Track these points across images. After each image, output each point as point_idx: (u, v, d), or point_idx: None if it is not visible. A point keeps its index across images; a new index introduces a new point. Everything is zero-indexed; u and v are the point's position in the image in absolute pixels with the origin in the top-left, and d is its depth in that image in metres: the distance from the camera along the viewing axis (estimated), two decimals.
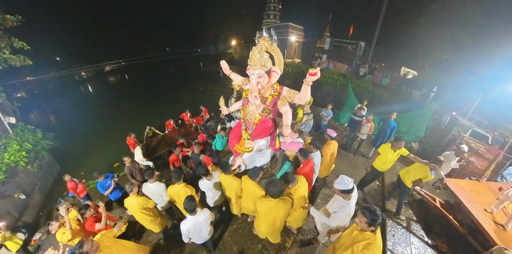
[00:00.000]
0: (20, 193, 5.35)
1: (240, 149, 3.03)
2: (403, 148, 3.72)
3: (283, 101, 2.68)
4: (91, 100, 23.11)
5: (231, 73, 3.07)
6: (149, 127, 7.95)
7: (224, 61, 2.99)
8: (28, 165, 5.72)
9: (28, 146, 5.73)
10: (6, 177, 4.98)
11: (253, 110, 2.80)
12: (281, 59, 2.70)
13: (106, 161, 8.11)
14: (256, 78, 2.48)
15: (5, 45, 4.86)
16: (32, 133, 6.29)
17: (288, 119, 2.72)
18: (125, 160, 4.37)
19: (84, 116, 15.93)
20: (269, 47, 2.57)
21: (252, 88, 2.59)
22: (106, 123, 13.58)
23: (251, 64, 2.50)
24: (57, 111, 19.11)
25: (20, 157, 5.39)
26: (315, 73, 2.11)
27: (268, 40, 2.52)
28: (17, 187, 5.40)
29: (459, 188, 4.18)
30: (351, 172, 5.60)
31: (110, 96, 23.22)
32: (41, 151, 6.39)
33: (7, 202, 5.01)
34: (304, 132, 3.09)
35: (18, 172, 5.52)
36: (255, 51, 2.46)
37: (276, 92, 2.65)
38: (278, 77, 2.64)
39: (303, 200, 2.73)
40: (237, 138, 3.15)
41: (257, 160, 3.20)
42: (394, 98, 9.59)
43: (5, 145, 5.36)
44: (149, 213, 3.12)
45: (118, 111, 16.41)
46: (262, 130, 2.70)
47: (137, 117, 13.60)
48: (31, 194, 5.83)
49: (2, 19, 4.75)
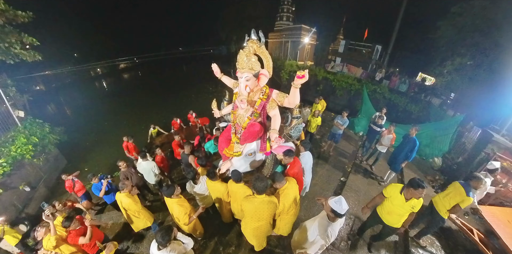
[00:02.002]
0: (24, 185, 5.43)
1: (229, 152, 2.97)
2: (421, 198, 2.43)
3: (272, 104, 2.65)
4: (104, 96, 23.80)
5: (222, 76, 3.11)
6: (153, 126, 7.89)
7: (215, 64, 2.99)
8: (35, 158, 5.83)
9: (35, 140, 5.83)
10: (11, 169, 5.06)
11: (242, 114, 2.75)
12: (269, 62, 2.65)
13: (111, 158, 8.15)
14: (244, 82, 2.47)
15: (15, 40, 4.99)
16: (40, 127, 6.42)
17: (276, 123, 2.64)
18: (120, 164, 4.20)
19: (95, 111, 16.38)
20: (258, 50, 2.54)
21: (240, 92, 2.57)
22: (115, 119, 13.90)
23: (239, 67, 2.51)
24: (71, 105, 19.81)
25: (27, 150, 5.48)
26: (303, 76, 2.03)
27: (257, 43, 2.49)
28: (22, 179, 5.48)
29: (496, 219, 3.55)
30: (366, 190, 4.95)
31: (122, 93, 23.83)
32: (48, 145, 6.51)
33: (11, 193, 5.09)
34: (294, 137, 2.97)
35: (24, 164, 5.61)
36: (243, 54, 2.46)
37: (265, 95, 2.62)
38: (266, 80, 2.59)
39: (293, 202, 2.61)
40: (226, 141, 3.10)
41: (248, 164, 3.14)
42: (412, 106, 9.06)
43: (13, 138, 5.47)
44: (134, 213, 3.29)
45: (128, 108, 16.78)
46: (250, 133, 2.67)
47: (145, 114, 13.80)
48: (36, 186, 5.93)
49: (14, 15, 4.86)
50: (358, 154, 6.44)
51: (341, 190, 4.76)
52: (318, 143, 7.13)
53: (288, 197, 2.54)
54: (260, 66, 2.58)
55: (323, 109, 7.92)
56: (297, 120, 2.87)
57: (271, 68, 2.67)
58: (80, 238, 2.76)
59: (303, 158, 3.29)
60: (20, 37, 5.09)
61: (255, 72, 2.49)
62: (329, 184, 5.02)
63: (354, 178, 5.31)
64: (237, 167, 3.11)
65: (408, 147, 4.38)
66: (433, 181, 5.60)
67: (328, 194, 4.62)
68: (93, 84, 31.81)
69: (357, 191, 4.84)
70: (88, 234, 2.78)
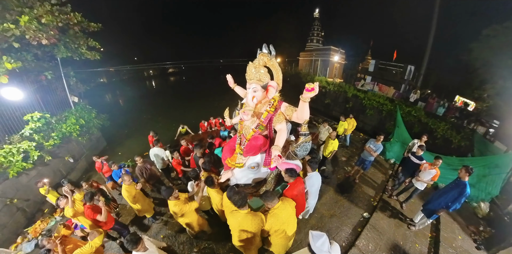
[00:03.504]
0: (69, 157, 6.13)
1: (230, 163, 2.78)
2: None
3: (279, 118, 2.43)
4: (150, 94, 26.40)
5: (235, 86, 3.06)
6: (182, 125, 8.20)
7: (229, 74, 2.94)
8: (80, 136, 6.57)
9: (82, 122, 6.61)
10: (60, 143, 5.75)
11: (248, 125, 2.59)
12: (279, 74, 2.53)
13: (141, 147, 8.66)
14: (252, 93, 2.39)
15: (82, 43, 5.99)
16: (88, 112, 7.26)
17: (280, 139, 2.39)
18: (137, 159, 4.23)
19: (139, 105, 18.17)
20: (268, 62, 2.46)
21: (247, 103, 2.48)
22: (153, 114, 14.98)
23: (247, 79, 2.45)
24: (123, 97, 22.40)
25: (75, 129, 6.22)
26: (312, 89, 1.84)
27: (267, 56, 2.43)
28: (68, 152, 6.19)
29: None
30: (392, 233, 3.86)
31: (165, 93, 26.14)
32: (92, 128, 7.32)
33: (58, 162, 5.76)
34: (299, 156, 2.58)
35: (71, 140, 6.36)
36: (251, 66, 2.42)
37: (273, 108, 2.42)
38: (275, 92, 2.45)
39: (283, 224, 2.32)
40: (230, 151, 2.91)
41: (249, 176, 2.90)
42: (453, 134, 7.78)
43: (65, 118, 6.28)
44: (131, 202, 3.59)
45: (166, 106, 18.08)
46: (251, 147, 2.47)
47: (179, 114, 14.50)
48: (79, 160, 6.64)
49: (87, 25, 5.90)
50: (387, 186, 5.31)
51: (362, 228, 3.87)
52: (342, 166, 6.24)
53: (277, 218, 2.28)
54: (270, 78, 2.47)
55: (353, 128, 7.25)
56: (304, 138, 2.50)
57: (281, 81, 2.55)
58: (98, 215, 3.08)
59: (310, 179, 2.93)
60: (86, 40, 6.07)
61: (263, 83, 2.39)
62: (349, 218, 4.19)
63: (379, 215, 4.27)
64: (238, 178, 2.93)
65: (453, 194, 3.27)
66: (476, 233, 4.13)
67: (346, 230, 3.90)
68: (144, 83, 35.70)
69: (381, 233, 3.80)
70: (104, 213, 3.08)
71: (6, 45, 4.26)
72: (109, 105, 17.18)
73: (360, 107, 11.03)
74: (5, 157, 4.19)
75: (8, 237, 4.07)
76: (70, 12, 5.24)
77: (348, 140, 7.49)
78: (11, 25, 3.98)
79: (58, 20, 4.85)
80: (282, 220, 2.30)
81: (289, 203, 2.41)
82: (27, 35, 4.22)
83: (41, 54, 5.39)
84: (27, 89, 5.22)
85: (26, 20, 4.06)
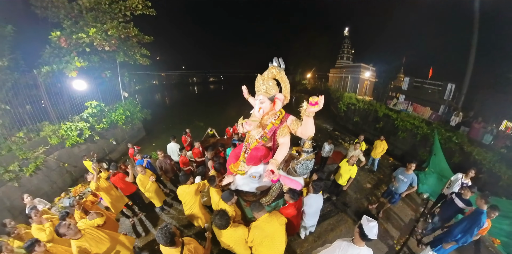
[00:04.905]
0: (113, 139, 7.16)
1: (233, 169, 2.75)
2: None
3: (283, 131, 2.34)
4: (191, 97, 28.94)
5: (249, 97, 3.05)
6: (210, 128, 8.64)
7: (244, 86, 2.96)
8: (124, 125, 7.63)
9: (128, 113, 7.69)
10: (108, 127, 6.78)
11: (254, 135, 2.54)
12: (287, 87, 2.47)
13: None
14: (259, 104, 2.35)
15: (136, 51, 7.20)
16: (134, 106, 8.40)
17: (280, 153, 2.28)
18: (159, 153, 4.47)
19: (180, 105, 20.04)
20: (277, 75, 2.43)
21: (253, 113, 2.44)
22: (190, 115, 16.19)
23: (256, 90, 2.45)
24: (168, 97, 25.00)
25: (121, 118, 7.27)
26: (316, 103, 1.72)
27: (277, 68, 2.40)
28: (113, 136, 7.24)
29: None
30: None
31: (204, 98, 28.33)
32: (135, 119, 8.40)
33: (104, 142, 6.79)
34: (298, 173, 2.37)
35: (116, 127, 7.44)
36: (259, 78, 2.42)
37: (278, 120, 2.34)
38: (281, 105, 2.37)
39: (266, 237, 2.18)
40: (236, 157, 2.89)
41: (250, 185, 2.83)
42: (502, 169, 6.16)
43: (116, 108, 7.42)
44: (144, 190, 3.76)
45: (202, 110, 19.31)
46: (252, 157, 2.43)
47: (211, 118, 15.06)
48: (120, 143, 7.67)
49: (142, 37, 7.12)
50: (417, 228, 4.08)
51: None
52: (366, 194, 5.21)
53: (261, 230, 2.19)
54: (278, 91, 2.43)
55: (383, 152, 6.35)
56: (306, 155, 2.28)
57: (288, 94, 2.49)
58: (126, 177, 3.72)
59: (308, 200, 2.73)
60: (140, 49, 7.30)
61: (270, 96, 2.35)
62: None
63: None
64: (239, 184, 2.88)
65: (466, 224, 2.74)
66: None
67: None
68: (188, 88, 39.56)
69: None
70: (131, 174, 3.78)
71: (81, 49, 5.44)
72: (155, 103, 19.43)
73: (392, 129, 9.76)
74: (66, 131, 5.22)
75: (56, 191, 4.99)
76: (131, 27, 6.38)
77: (376, 164, 6.53)
78: (83, 34, 5.10)
79: (121, 33, 5.97)
80: (265, 233, 2.19)
81: (277, 218, 2.28)
82: (95, 43, 5.32)
83: (106, 57, 6.61)
84: (91, 83, 6.45)
85: (93, 31, 5.15)
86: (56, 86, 5.59)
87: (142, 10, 6.40)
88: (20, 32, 4.97)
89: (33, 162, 4.38)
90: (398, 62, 21.00)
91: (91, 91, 6.56)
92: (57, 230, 1.96)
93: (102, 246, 2.23)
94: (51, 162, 4.89)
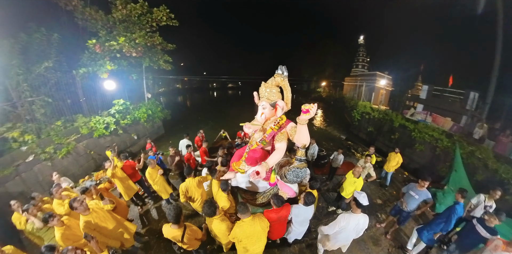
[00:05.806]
0: (135, 134, 7.76)
1: (235, 167, 2.82)
2: None
3: (281, 136, 2.40)
4: (210, 101, 29.98)
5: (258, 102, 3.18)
6: (223, 131, 8.77)
7: (256, 92, 2.96)
8: (146, 122, 8.23)
9: (149, 112, 8.28)
10: (131, 123, 7.38)
11: (255, 137, 2.65)
12: (288, 95, 2.52)
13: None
14: (261, 109, 2.44)
15: (160, 57, 7.85)
16: (155, 106, 9.00)
17: (274, 157, 2.30)
18: (170, 150, 4.74)
19: (198, 108, 20.83)
20: (281, 82, 2.47)
21: (256, 118, 2.52)
22: (207, 117, 16.75)
23: (260, 96, 2.54)
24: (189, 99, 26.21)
25: (143, 116, 7.86)
26: (307, 110, 1.72)
27: (281, 76, 2.44)
28: (135, 131, 7.84)
29: None
30: None
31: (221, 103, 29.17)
32: (156, 118, 8.98)
33: (126, 136, 7.39)
34: (289, 179, 2.27)
35: (138, 123, 8.04)
36: (263, 85, 2.49)
37: (277, 126, 2.40)
38: (282, 111, 2.42)
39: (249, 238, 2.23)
40: (239, 156, 2.96)
41: (249, 184, 2.89)
42: None
43: (139, 107, 8.04)
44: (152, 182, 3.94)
45: (218, 113, 19.75)
46: (249, 158, 2.49)
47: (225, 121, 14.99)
48: (141, 138, 8.26)
49: (166, 45, 7.78)
50: None
51: None
52: (375, 211, 4.67)
53: (242, 230, 2.22)
54: (281, 98, 2.49)
55: (397, 166, 5.78)
56: (298, 163, 2.22)
57: (289, 101, 2.54)
58: (136, 164, 4.22)
59: (295, 209, 2.60)
60: (163, 56, 7.95)
61: (272, 102, 2.40)
62: None
63: None
64: (239, 182, 2.97)
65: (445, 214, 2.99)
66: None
67: None
68: (208, 92, 41.22)
69: None
70: (141, 162, 4.30)
71: (112, 55, 6.15)
72: (177, 104, 20.47)
73: (408, 140, 8.86)
74: (95, 123, 5.90)
75: (81, 173, 5.61)
76: (156, 36, 7.05)
77: (389, 178, 5.88)
78: (114, 42, 5.83)
79: (147, 41, 6.65)
80: (246, 233, 2.22)
81: (260, 221, 2.28)
82: (124, 49, 6.02)
83: (134, 62, 7.29)
84: (119, 84, 7.14)
85: (122, 40, 5.88)
86: (90, 85, 6.34)
87: (167, 22, 7.05)
88: (64, 39, 5.77)
89: (65, 147, 5.01)
90: (416, 69, 19.46)
91: (119, 91, 7.26)
92: (71, 204, 2.19)
93: (106, 225, 2.42)
94: (80, 148, 5.53)
